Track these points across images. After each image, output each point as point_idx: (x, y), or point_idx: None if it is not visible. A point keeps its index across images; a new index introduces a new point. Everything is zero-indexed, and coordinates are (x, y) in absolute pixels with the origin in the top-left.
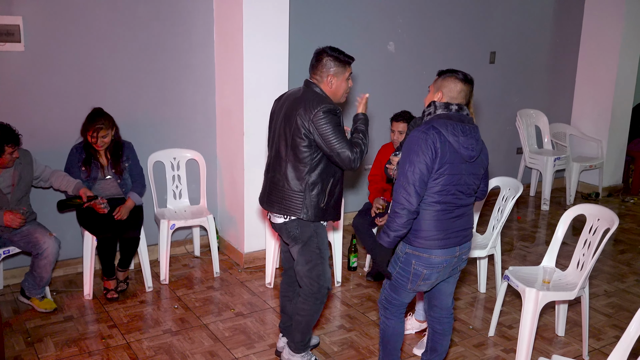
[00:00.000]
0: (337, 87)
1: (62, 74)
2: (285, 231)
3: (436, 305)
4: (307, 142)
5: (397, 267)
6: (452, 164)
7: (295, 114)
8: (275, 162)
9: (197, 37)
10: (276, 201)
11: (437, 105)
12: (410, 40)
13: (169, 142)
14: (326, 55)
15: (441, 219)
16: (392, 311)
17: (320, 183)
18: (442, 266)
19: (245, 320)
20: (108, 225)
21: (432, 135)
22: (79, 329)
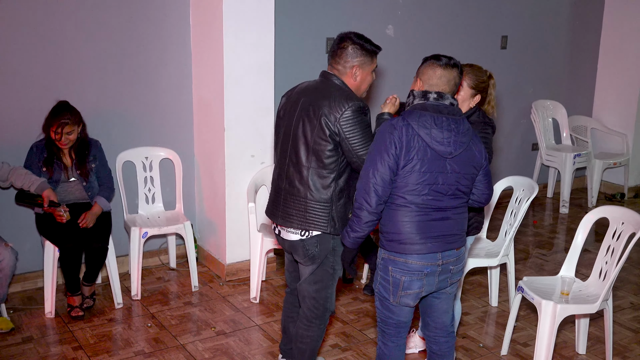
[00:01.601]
0: (362, 80)
1: (22, 62)
2: (302, 249)
3: (429, 323)
4: (333, 145)
5: (378, 277)
6: (422, 161)
7: (318, 113)
8: (292, 169)
9: (172, 22)
10: (296, 214)
11: (415, 94)
12: (411, 23)
13: (140, 140)
14: (351, 43)
15: (415, 221)
16: (390, 334)
17: (347, 190)
18: (423, 274)
19: (228, 340)
20: (72, 234)
21: (399, 128)
22: (40, 351)
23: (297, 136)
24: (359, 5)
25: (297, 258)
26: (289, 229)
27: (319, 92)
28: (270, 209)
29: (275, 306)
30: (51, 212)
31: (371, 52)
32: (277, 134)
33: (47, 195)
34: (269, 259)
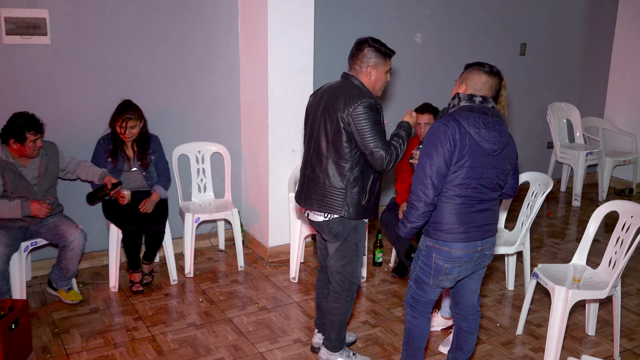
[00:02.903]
0: (377, 79)
1: (88, 67)
2: (327, 228)
3: (461, 302)
4: (347, 137)
5: (419, 262)
6: (472, 157)
7: (335, 108)
8: (314, 159)
9: (222, 29)
10: (316, 199)
11: (460, 97)
12: (437, 31)
13: (193, 136)
14: (367, 46)
15: (462, 212)
16: (419, 310)
17: (361, 179)
18: (464, 260)
19: (270, 315)
20: (133, 218)
21: (452, 127)
22: (105, 321)
23: (319, 130)
24: (391, 16)
25: (324, 236)
26: (315, 211)
27: (338, 90)
28: (297, 193)
29: (311, 285)
30: (116, 195)
31: (385, 54)
32: (305, 129)
33: (109, 180)
34: (306, 243)
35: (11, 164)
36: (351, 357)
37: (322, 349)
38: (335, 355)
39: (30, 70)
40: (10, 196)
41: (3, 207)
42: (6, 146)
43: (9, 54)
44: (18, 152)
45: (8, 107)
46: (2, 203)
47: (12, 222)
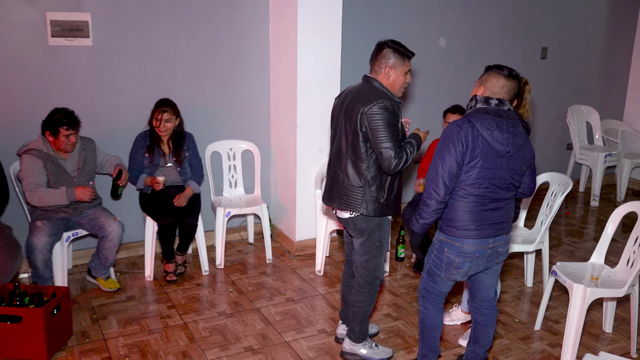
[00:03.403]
0: (395, 79)
1: (127, 67)
2: (352, 224)
3: (477, 296)
4: (363, 137)
5: (432, 255)
6: (484, 158)
7: (354, 110)
8: (335, 159)
9: (254, 33)
10: (336, 196)
11: (477, 99)
12: (461, 35)
13: (225, 134)
14: (387, 47)
15: (474, 210)
16: (431, 300)
17: (379, 178)
18: (475, 256)
19: (296, 306)
20: (168, 212)
21: (465, 128)
22: (140, 308)
23: (341, 131)
24: (416, 20)
25: (349, 231)
26: (338, 209)
27: (358, 92)
28: (323, 192)
29: (336, 278)
30: (151, 183)
31: (404, 55)
32: (331, 130)
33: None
34: (332, 238)
35: (52, 157)
36: (373, 348)
37: (345, 340)
38: (358, 346)
39: (73, 70)
40: (53, 187)
41: (50, 195)
42: (46, 139)
43: (54, 54)
44: (54, 145)
45: (52, 103)
46: (49, 191)
47: (54, 214)
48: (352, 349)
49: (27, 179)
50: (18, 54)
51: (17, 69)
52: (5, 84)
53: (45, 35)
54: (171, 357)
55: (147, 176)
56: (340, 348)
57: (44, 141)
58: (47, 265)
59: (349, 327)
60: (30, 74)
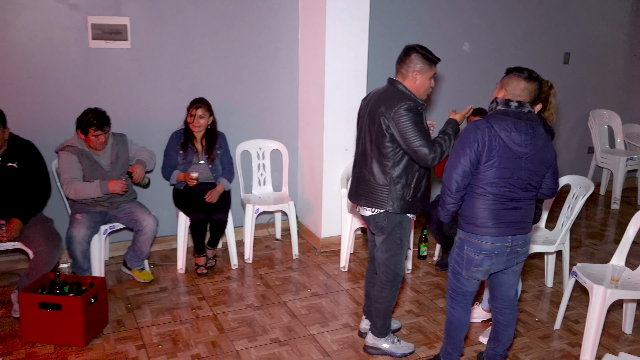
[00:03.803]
0: (421, 83)
1: (163, 69)
2: (373, 222)
3: (498, 296)
4: (389, 138)
5: (454, 253)
6: (501, 158)
7: (378, 112)
8: (361, 158)
9: (284, 37)
10: (363, 194)
11: (498, 101)
12: (484, 40)
13: (255, 133)
14: (414, 52)
15: (492, 208)
16: (458, 301)
17: (404, 177)
18: (494, 254)
19: (321, 300)
20: (200, 207)
21: (483, 129)
22: (172, 299)
23: (366, 132)
24: (440, 25)
25: (371, 229)
26: (363, 206)
27: (383, 95)
28: (349, 191)
29: (360, 275)
30: (186, 179)
31: (431, 61)
32: (356, 131)
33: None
34: (356, 236)
35: (86, 152)
36: (396, 343)
37: (368, 334)
38: (381, 341)
39: (112, 71)
40: (88, 181)
41: (85, 188)
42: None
43: (94, 56)
44: (86, 142)
45: (92, 103)
46: (84, 184)
47: (93, 207)
48: (375, 343)
49: (64, 174)
50: (61, 55)
51: (59, 69)
52: (49, 84)
53: (87, 38)
54: (201, 346)
55: (180, 172)
56: (364, 342)
57: (78, 138)
58: (85, 256)
59: (372, 322)
60: (72, 75)
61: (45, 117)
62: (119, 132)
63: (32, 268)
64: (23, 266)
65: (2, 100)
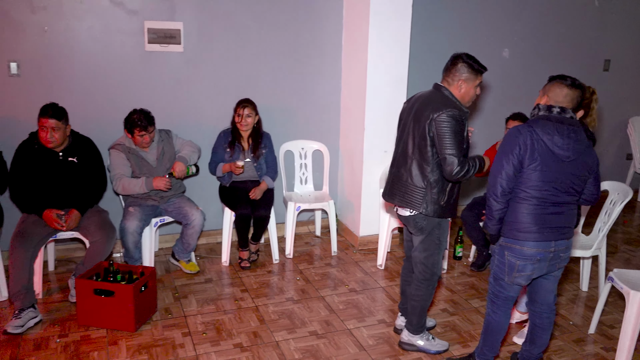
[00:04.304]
0: (466, 92)
1: (213, 72)
2: (412, 222)
3: (537, 300)
4: (430, 142)
5: (494, 260)
6: (544, 162)
7: (423, 115)
8: (401, 159)
9: (328, 42)
10: (398, 194)
11: (540, 107)
12: (524, 47)
13: (298, 134)
14: (461, 61)
15: (535, 213)
16: (499, 305)
17: (441, 182)
18: (536, 259)
19: (358, 296)
20: (244, 203)
21: (525, 133)
22: (217, 290)
23: (408, 133)
24: (481, 31)
25: (410, 229)
26: (399, 206)
27: (428, 99)
28: (384, 190)
29: (396, 273)
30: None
31: (477, 70)
32: (398, 131)
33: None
34: (393, 235)
35: (133, 150)
36: (430, 341)
37: (404, 331)
38: (416, 338)
39: (165, 73)
40: (137, 176)
41: (132, 184)
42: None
43: (149, 59)
44: (133, 140)
45: (146, 103)
46: (131, 181)
47: (145, 201)
48: (410, 339)
49: (113, 171)
50: (119, 58)
51: (117, 71)
52: (106, 85)
53: (143, 41)
54: (243, 336)
55: (224, 164)
56: (399, 338)
57: (126, 137)
58: (137, 247)
59: (407, 319)
60: (128, 76)
61: (103, 116)
62: (168, 128)
63: (88, 256)
64: (79, 254)
65: (65, 99)
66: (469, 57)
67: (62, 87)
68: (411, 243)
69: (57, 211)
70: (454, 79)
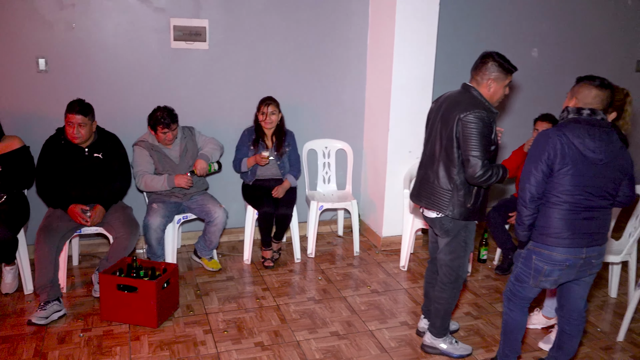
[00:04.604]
0: (495, 91)
1: (237, 69)
2: (439, 224)
3: (566, 306)
4: (457, 143)
5: (519, 262)
6: (576, 166)
7: (451, 116)
8: (428, 160)
9: (353, 41)
10: (425, 196)
11: (569, 110)
12: (554, 46)
13: (322, 133)
14: (492, 60)
15: (567, 218)
16: (516, 303)
17: (468, 184)
18: (565, 265)
19: (380, 298)
20: (267, 201)
21: (554, 137)
22: (239, 288)
23: (435, 134)
24: (509, 31)
25: (436, 231)
26: (426, 208)
27: (456, 99)
28: (411, 191)
29: (419, 275)
30: (259, 160)
31: (507, 70)
32: (425, 132)
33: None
34: (417, 236)
35: (156, 147)
36: (453, 344)
37: (427, 334)
38: (439, 341)
39: (190, 70)
40: (160, 173)
41: (154, 181)
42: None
43: (175, 56)
44: (156, 137)
45: (171, 99)
46: (153, 178)
47: (168, 198)
48: (433, 342)
49: (136, 167)
50: (145, 55)
51: (143, 68)
52: (132, 82)
53: (169, 39)
54: (264, 334)
55: (248, 158)
56: (421, 341)
57: (149, 133)
58: (160, 243)
59: (430, 322)
60: (154, 73)
61: (128, 112)
62: (191, 125)
63: (112, 252)
64: (102, 250)
65: (92, 95)
66: (500, 56)
67: (88, 83)
68: (436, 245)
69: (82, 206)
70: (483, 78)
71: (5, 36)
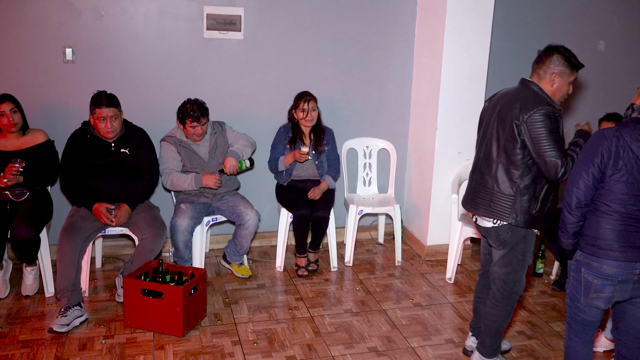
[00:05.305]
0: (559, 87)
1: (273, 61)
2: (494, 235)
3: (621, 328)
4: (520, 144)
5: (570, 277)
6: (631, 172)
7: (510, 114)
8: (484, 163)
9: (399, 34)
10: (482, 203)
11: (634, 108)
12: (623, 40)
13: (363, 131)
14: (558, 53)
15: (619, 230)
16: (576, 331)
17: (532, 188)
18: (617, 280)
19: (423, 312)
20: (303, 204)
21: (610, 138)
22: (270, 297)
23: (492, 135)
24: (572, 22)
25: (491, 242)
26: (482, 216)
27: (515, 96)
28: (464, 198)
29: (467, 288)
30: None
31: (573, 65)
32: (478, 133)
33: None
34: (465, 246)
35: (185, 142)
36: None
37: (475, 353)
38: None
39: (223, 61)
40: (188, 170)
41: (181, 180)
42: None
43: (208, 46)
44: (184, 132)
45: (202, 91)
46: (180, 177)
47: (197, 198)
48: None
49: (162, 164)
50: (176, 45)
51: (174, 58)
52: (163, 72)
53: (202, 28)
54: (297, 348)
55: (285, 155)
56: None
57: (178, 128)
58: (187, 247)
59: (479, 341)
60: (185, 64)
61: (157, 105)
62: (222, 120)
63: (137, 254)
64: (127, 252)
65: (119, 87)
66: (566, 50)
67: (116, 74)
68: (489, 257)
69: (108, 205)
70: (547, 72)
71: (32, 24)
